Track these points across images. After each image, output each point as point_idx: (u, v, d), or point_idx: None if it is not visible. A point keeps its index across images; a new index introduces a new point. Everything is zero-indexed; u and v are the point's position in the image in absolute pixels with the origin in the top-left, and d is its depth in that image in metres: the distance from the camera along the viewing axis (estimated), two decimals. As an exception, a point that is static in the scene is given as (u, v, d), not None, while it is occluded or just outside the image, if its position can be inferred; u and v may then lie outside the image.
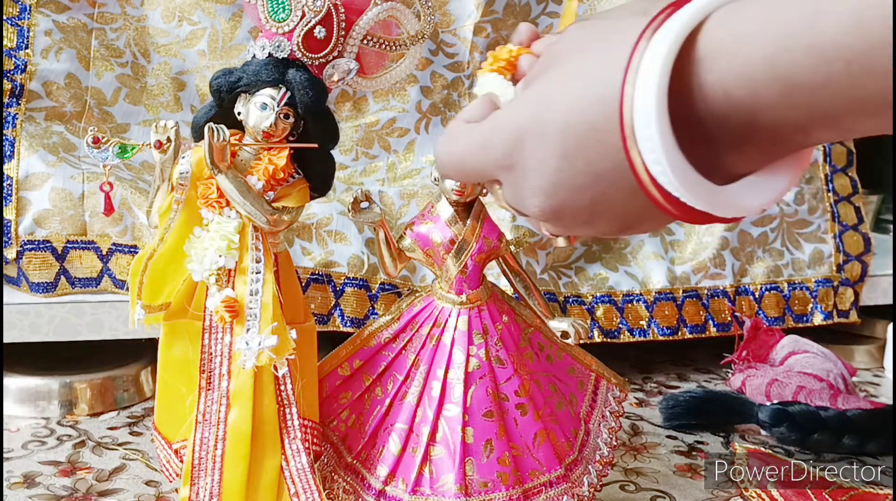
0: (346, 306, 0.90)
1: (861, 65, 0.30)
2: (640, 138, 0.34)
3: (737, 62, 0.33)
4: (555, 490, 0.61)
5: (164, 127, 0.55)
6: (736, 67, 0.33)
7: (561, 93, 0.37)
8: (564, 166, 0.38)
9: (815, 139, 0.35)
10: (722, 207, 0.35)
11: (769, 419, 0.82)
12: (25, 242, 0.86)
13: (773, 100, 0.33)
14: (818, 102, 0.32)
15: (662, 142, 0.33)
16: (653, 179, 0.34)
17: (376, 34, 0.59)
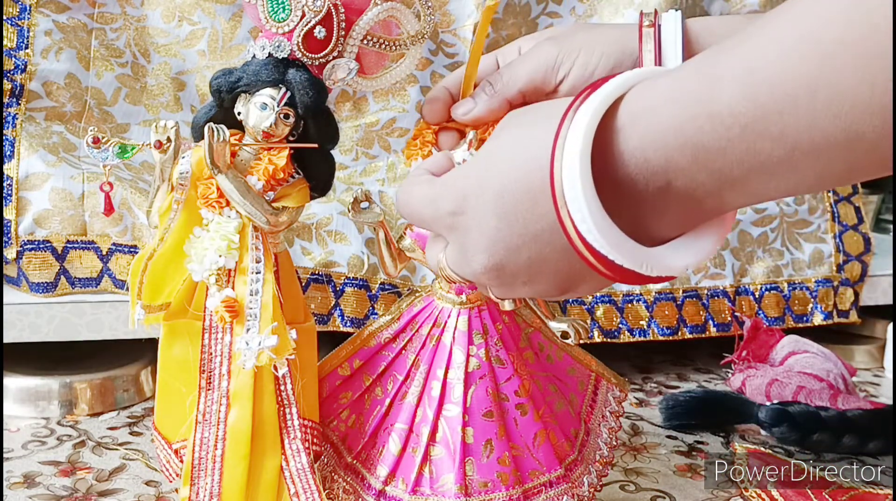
0: (346, 306, 0.90)
1: (754, 130, 0.34)
2: (569, 200, 0.37)
3: (651, 130, 0.36)
4: (555, 490, 0.61)
5: (164, 127, 0.55)
6: (650, 133, 0.36)
7: (501, 158, 0.41)
8: (503, 226, 0.41)
9: (729, 204, 0.38)
10: (649, 266, 0.38)
11: (769, 419, 0.82)
12: (25, 242, 0.86)
13: (685, 164, 0.36)
14: (724, 165, 0.35)
15: (588, 204, 0.36)
16: (582, 239, 0.37)
17: (376, 34, 0.59)
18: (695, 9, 1.11)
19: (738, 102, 0.34)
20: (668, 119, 0.36)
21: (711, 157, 0.35)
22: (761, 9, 1.11)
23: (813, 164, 0.34)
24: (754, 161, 0.34)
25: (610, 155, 0.37)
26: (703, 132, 0.35)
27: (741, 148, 0.34)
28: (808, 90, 0.32)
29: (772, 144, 0.34)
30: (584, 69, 0.56)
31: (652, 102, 0.37)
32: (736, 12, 1.12)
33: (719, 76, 0.34)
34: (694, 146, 0.35)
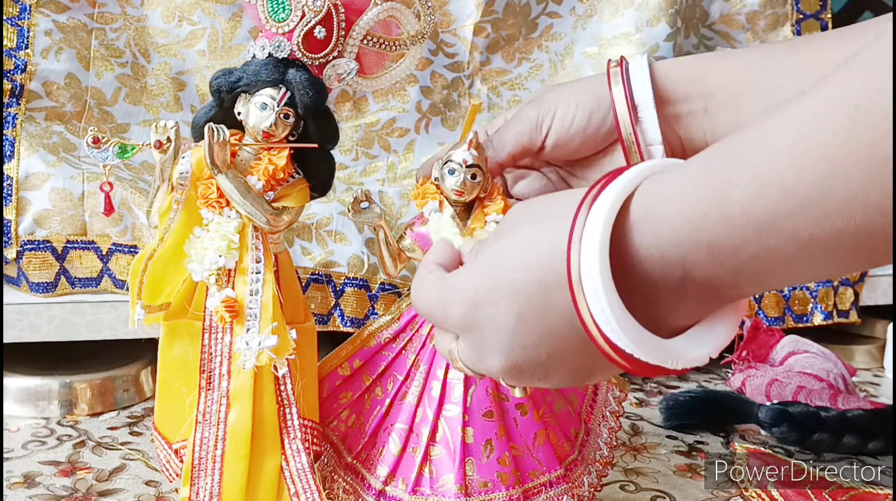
0: (346, 306, 0.90)
1: (768, 230, 0.34)
2: (589, 299, 0.37)
3: (665, 228, 0.37)
4: (555, 490, 0.61)
5: (164, 127, 0.55)
6: (664, 232, 0.37)
7: (512, 257, 0.41)
8: (519, 326, 0.41)
9: (747, 292, 0.39)
10: (669, 359, 0.38)
11: (769, 419, 0.82)
12: (25, 242, 0.86)
13: (702, 260, 0.36)
14: (740, 262, 0.36)
15: (609, 301, 0.36)
16: (603, 335, 0.37)
17: (376, 34, 0.59)
18: (694, 8, 1.11)
19: (749, 204, 0.34)
20: (681, 218, 0.36)
21: (727, 254, 0.36)
22: (761, 9, 1.11)
23: (830, 257, 0.34)
24: (770, 257, 0.35)
25: (625, 252, 0.38)
26: (716, 232, 0.35)
27: (756, 246, 0.35)
28: (819, 195, 0.32)
29: (786, 242, 0.34)
30: (563, 122, 0.59)
31: (663, 201, 0.37)
32: (736, 13, 1.12)
33: (729, 179, 0.35)
34: (709, 244, 0.36)
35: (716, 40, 1.14)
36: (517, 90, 1.07)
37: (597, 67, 1.05)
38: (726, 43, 1.14)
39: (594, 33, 1.06)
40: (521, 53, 1.07)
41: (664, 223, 0.37)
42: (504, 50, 1.06)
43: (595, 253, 0.37)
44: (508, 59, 1.06)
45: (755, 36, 1.13)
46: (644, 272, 0.38)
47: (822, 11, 1.14)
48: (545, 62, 1.07)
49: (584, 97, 0.59)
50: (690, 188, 0.36)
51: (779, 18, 1.13)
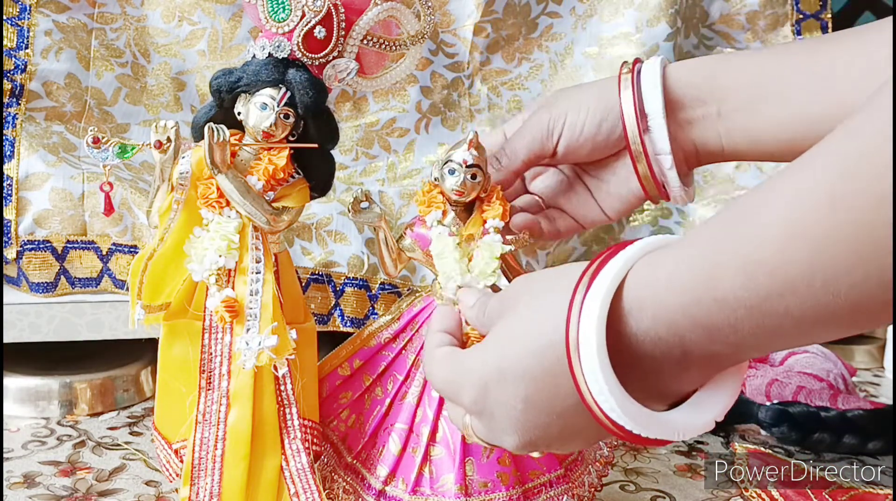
0: (346, 306, 0.90)
1: (760, 310, 0.36)
2: (590, 384, 0.39)
3: (660, 314, 0.38)
4: (555, 490, 0.61)
5: (164, 127, 0.55)
6: (660, 316, 0.38)
7: (517, 342, 0.43)
8: (528, 408, 0.42)
9: (748, 358, 0.40)
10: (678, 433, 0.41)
11: (769, 419, 0.82)
12: (25, 242, 0.86)
13: (700, 340, 0.38)
14: (737, 339, 0.37)
15: (609, 388, 0.38)
16: (608, 418, 0.39)
17: (376, 34, 0.59)
18: (694, 8, 1.11)
19: (739, 287, 0.36)
20: (676, 303, 0.38)
21: (724, 333, 0.37)
22: (761, 9, 1.11)
23: (825, 328, 0.36)
24: (766, 332, 0.36)
25: (624, 333, 0.39)
26: (710, 313, 0.37)
27: (751, 324, 0.36)
28: (805, 277, 0.34)
29: (779, 320, 0.35)
30: (573, 129, 0.59)
31: (657, 287, 0.38)
32: (736, 13, 1.12)
33: (718, 264, 0.36)
34: (704, 326, 0.37)
35: (716, 40, 1.14)
36: (517, 90, 1.07)
37: (597, 67, 1.05)
38: (726, 43, 1.14)
39: (594, 33, 1.06)
40: (521, 53, 1.07)
41: (660, 309, 0.38)
42: (504, 50, 1.06)
43: (592, 342, 0.38)
44: (508, 60, 1.06)
45: (755, 36, 1.13)
46: (644, 351, 0.39)
47: (822, 11, 1.14)
48: (545, 62, 1.07)
49: (594, 104, 0.59)
50: (682, 273, 0.38)
51: (779, 18, 1.13)
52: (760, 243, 0.35)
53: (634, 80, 0.57)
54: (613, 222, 0.67)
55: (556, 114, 0.59)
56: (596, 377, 0.38)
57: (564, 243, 1.00)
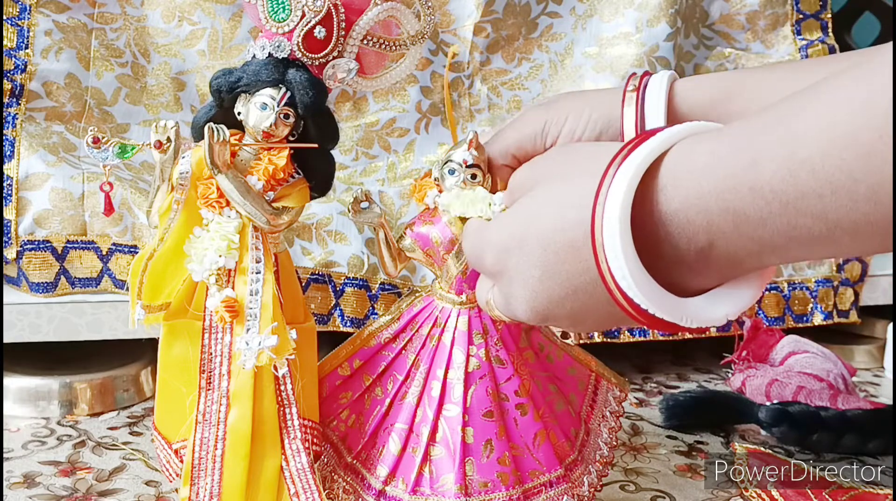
0: (346, 306, 0.90)
1: (795, 207, 0.35)
2: (609, 258, 0.38)
3: (692, 194, 0.38)
4: (555, 490, 0.61)
5: (164, 127, 0.55)
6: (692, 197, 0.38)
7: (542, 213, 0.43)
8: (545, 278, 0.42)
9: (768, 263, 0.40)
10: (689, 319, 0.40)
11: (769, 419, 0.82)
12: (25, 242, 0.86)
13: (726, 228, 0.37)
14: (764, 234, 0.37)
15: (627, 263, 0.38)
16: (623, 294, 0.39)
17: (376, 34, 0.59)
18: (695, 8, 1.11)
19: (779, 180, 0.35)
20: (710, 186, 0.37)
21: (752, 225, 0.37)
22: (761, 9, 1.11)
23: (852, 239, 0.35)
24: (795, 233, 0.36)
25: (652, 213, 0.39)
26: (744, 203, 0.36)
27: (782, 221, 0.36)
28: (849, 180, 0.33)
29: (812, 221, 0.35)
30: (571, 136, 0.57)
31: (693, 167, 0.38)
32: (736, 13, 1.12)
33: (760, 153, 0.36)
34: (735, 214, 0.37)
35: (716, 40, 1.14)
36: (517, 90, 1.07)
37: (597, 67, 1.05)
38: (726, 43, 1.14)
39: (594, 33, 1.06)
40: (521, 53, 1.07)
41: (692, 189, 0.38)
42: (504, 50, 1.06)
43: (616, 216, 0.38)
44: (508, 60, 1.06)
45: (755, 36, 1.13)
46: (669, 234, 0.39)
47: (822, 11, 1.14)
48: (545, 62, 1.07)
49: (595, 115, 0.57)
50: (721, 158, 0.37)
51: (779, 18, 1.13)
52: (807, 141, 0.34)
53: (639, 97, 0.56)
54: None
55: (555, 117, 0.58)
56: (616, 251, 0.38)
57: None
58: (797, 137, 0.35)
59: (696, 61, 1.13)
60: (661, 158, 0.39)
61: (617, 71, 1.04)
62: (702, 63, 1.13)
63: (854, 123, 0.33)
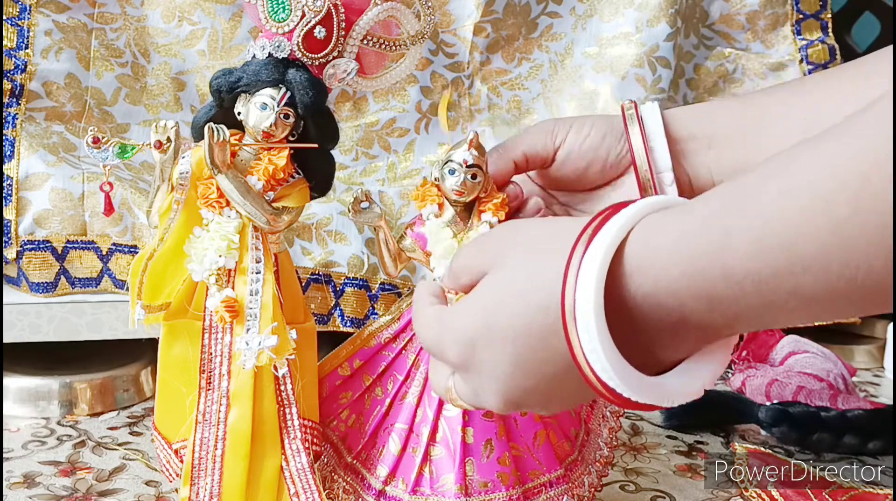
0: (346, 306, 0.90)
1: (769, 286, 0.34)
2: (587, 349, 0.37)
3: (662, 278, 0.37)
4: (555, 490, 0.61)
5: (164, 127, 0.55)
6: (662, 281, 0.37)
7: (505, 301, 0.41)
8: (516, 370, 0.41)
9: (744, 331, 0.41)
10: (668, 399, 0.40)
11: (769, 419, 0.82)
12: (25, 242, 0.86)
13: (699, 308, 0.37)
14: (738, 310, 0.36)
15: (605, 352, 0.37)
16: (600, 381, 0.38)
17: (376, 34, 0.59)
18: (694, 8, 1.11)
19: (750, 260, 0.34)
20: (680, 271, 0.36)
21: (726, 305, 0.36)
22: (761, 9, 1.11)
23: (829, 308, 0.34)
24: (770, 308, 0.35)
25: (622, 297, 0.38)
26: (715, 286, 0.35)
27: (756, 300, 0.35)
28: (821, 258, 0.32)
29: (787, 297, 0.34)
30: (578, 136, 0.60)
31: (661, 250, 0.37)
32: (736, 13, 1.12)
33: (729, 233, 0.35)
34: (708, 296, 0.36)
35: (716, 40, 1.14)
36: (517, 90, 1.07)
37: (597, 67, 1.05)
38: (726, 43, 1.14)
39: (594, 33, 1.06)
40: (521, 53, 1.07)
41: (661, 274, 0.37)
42: (504, 50, 1.06)
43: (590, 305, 0.37)
44: (508, 60, 1.06)
45: (755, 36, 1.13)
46: (641, 315, 0.38)
47: (821, 11, 1.14)
48: (545, 62, 1.07)
49: (598, 122, 0.60)
50: (690, 239, 0.36)
51: (779, 18, 1.13)
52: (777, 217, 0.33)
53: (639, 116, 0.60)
54: None
55: (562, 123, 0.61)
56: (592, 341, 0.37)
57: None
58: (769, 211, 0.34)
59: (696, 61, 1.13)
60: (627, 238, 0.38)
61: (617, 71, 1.04)
62: (702, 63, 1.13)
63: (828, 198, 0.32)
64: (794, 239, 0.33)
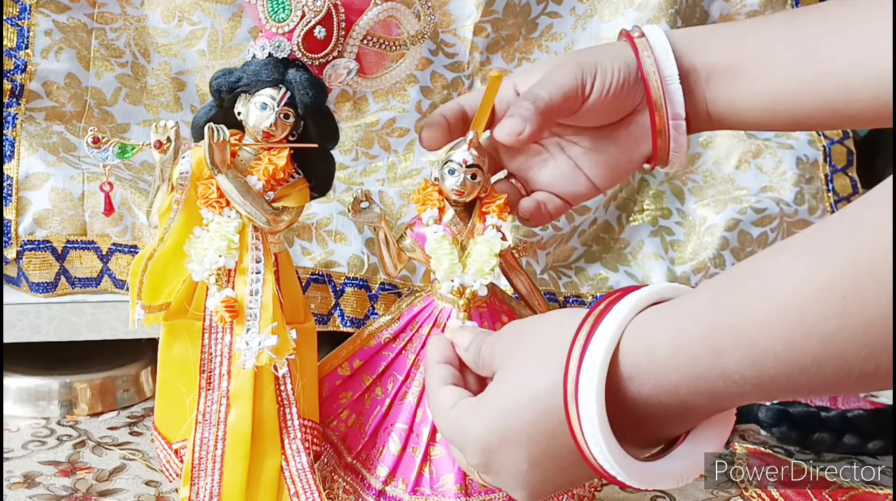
0: (346, 306, 0.90)
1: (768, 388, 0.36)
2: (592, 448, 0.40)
3: (661, 383, 0.39)
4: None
5: (164, 127, 0.55)
6: (662, 386, 0.39)
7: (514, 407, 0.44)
8: (533, 469, 0.44)
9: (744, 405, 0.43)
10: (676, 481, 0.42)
11: (769, 419, 0.82)
12: (25, 242, 0.86)
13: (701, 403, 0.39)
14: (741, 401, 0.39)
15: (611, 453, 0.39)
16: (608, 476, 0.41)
17: (376, 34, 0.59)
18: (694, 8, 1.11)
19: (746, 368, 0.36)
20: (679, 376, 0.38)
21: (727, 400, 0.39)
22: (761, 9, 1.11)
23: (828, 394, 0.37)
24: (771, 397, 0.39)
25: (622, 396, 0.40)
26: (714, 386, 0.38)
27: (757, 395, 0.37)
28: (814, 365, 0.34)
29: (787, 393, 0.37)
30: (604, 83, 0.59)
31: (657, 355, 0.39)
32: (736, 13, 1.12)
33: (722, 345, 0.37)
34: (709, 394, 0.38)
35: (716, 40, 1.14)
36: (517, 90, 1.07)
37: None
38: (726, 43, 1.14)
39: (594, 33, 1.06)
40: (521, 53, 1.07)
41: (661, 379, 0.39)
42: (504, 50, 1.06)
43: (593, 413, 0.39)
44: (508, 60, 1.06)
45: (755, 36, 1.13)
46: (642, 410, 0.40)
47: (822, 11, 1.14)
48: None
49: (617, 64, 0.59)
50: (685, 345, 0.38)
51: (779, 18, 1.13)
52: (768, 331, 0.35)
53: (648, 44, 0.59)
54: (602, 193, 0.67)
55: (587, 67, 0.58)
56: (598, 444, 0.39)
57: (564, 242, 1.00)
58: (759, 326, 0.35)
59: (696, 61, 1.13)
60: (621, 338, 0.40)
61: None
62: (702, 63, 1.13)
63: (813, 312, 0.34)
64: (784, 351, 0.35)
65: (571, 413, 0.40)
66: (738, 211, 1.02)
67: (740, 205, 1.03)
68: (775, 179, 1.06)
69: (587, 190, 0.64)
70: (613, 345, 0.40)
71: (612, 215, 1.05)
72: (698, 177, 1.08)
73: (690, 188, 1.08)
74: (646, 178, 1.07)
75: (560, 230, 0.98)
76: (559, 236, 0.98)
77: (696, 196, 1.07)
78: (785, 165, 1.06)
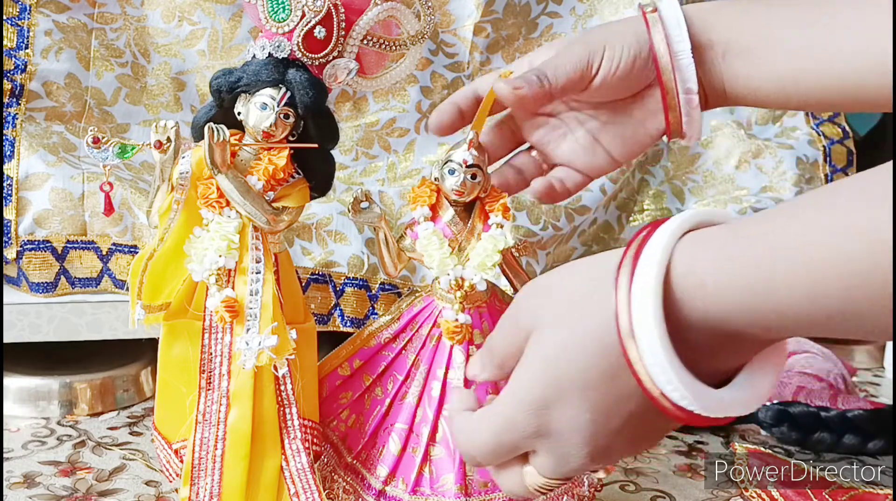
0: (346, 306, 0.90)
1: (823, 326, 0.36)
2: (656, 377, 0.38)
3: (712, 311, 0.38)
4: (555, 489, 0.61)
5: (164, 127, 0.55)
6: (712, 312, 0.38)
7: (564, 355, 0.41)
8: (597, 417, 0.41)
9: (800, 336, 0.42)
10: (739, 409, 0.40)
11: (769, 419, 0.82)
12: (25, 242, 0.86)
13: (755, 333, 0.38)
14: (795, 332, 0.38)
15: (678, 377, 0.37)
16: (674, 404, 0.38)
17: (376, 34, 0.59)
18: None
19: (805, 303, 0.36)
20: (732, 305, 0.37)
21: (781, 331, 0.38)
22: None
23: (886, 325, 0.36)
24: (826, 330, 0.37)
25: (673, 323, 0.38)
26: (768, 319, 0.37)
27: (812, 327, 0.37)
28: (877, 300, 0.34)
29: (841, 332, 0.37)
30: (611, 62, 0.59)
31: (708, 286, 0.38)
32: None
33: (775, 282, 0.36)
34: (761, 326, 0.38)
35: (716, 40, 1.14)
36: (517, 90, 1.07)
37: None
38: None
39: (594, 33, 1.06)
40: (521, 53, 1.07)
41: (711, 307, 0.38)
42: (504, 50, 1.06)
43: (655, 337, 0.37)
44: (508, 60, 1.06)
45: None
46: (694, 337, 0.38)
47: (822, 11, 1.14)
48: (545, 62, 1.07)
49: (626, 40, 0.59)
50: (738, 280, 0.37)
51: (779, 18, 1.13)
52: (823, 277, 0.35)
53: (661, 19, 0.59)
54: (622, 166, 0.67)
55: (595, 47, 0.59)
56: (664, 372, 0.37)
57: (564, 242, 1.00)
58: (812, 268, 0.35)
59: (696, 61, 1.13)
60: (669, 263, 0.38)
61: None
62: (702, 63, 1.13)
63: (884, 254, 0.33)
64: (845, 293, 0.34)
65: (629, 347, 0.38)
66: (738, 211, 1.02)
67: (740, 205, 1.03)
68: (775, 179, 1.06)
69: (606, 163, 0.64)
70: (663, 269, 0.38)
71: (612, 215, 1.05)
72: (698, 177, 1.08)
73: (690, 188, 1.08)
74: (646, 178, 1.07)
75: (560, 230, 0.98)
76: (559, 236, 0.98)
77: (696, 196, 1.07)
78: (785, 165, 1.06)
